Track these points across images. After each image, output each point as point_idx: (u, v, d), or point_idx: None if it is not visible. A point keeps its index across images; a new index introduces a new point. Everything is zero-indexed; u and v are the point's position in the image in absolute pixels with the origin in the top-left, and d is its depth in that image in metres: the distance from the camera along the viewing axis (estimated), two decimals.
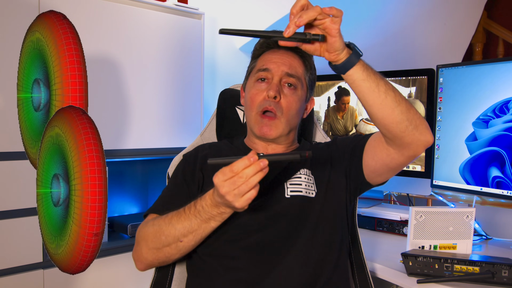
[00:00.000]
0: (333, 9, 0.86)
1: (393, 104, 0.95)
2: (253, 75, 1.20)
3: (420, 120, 0.99)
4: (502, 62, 1.49)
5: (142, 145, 1.95)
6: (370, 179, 1.14)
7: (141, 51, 1.93)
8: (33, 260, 1.64)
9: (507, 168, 1.45)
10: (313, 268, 1.07)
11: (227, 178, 0.89)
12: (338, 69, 0.93)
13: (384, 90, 0.94)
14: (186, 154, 1.26)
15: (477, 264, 1.17)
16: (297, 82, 1.17)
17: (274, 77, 1.16)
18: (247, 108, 1.20)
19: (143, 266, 1.10)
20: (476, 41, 3.30)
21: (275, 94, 1.13)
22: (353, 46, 0.92)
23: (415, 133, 0.98)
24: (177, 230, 1.01)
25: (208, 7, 2.25)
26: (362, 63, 0.93)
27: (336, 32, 0.87)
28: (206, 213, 0.98)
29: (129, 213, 2.25)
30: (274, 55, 1.18)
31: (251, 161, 0.88)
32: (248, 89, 1.21)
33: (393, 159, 1.06)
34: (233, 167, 0.89)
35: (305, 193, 1.12)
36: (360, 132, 1.92)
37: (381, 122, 0.98)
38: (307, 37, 0.88)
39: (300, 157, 0.91)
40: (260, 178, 0.89)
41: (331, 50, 0.90)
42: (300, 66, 1.19)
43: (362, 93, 0.95)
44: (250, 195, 0.89)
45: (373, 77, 0.94)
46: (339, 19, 0.86)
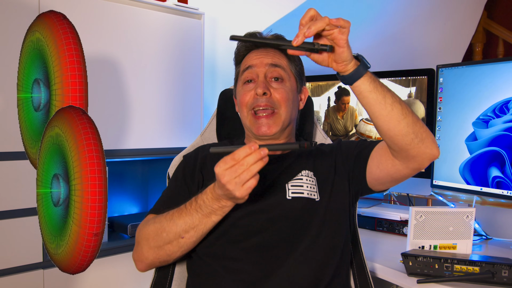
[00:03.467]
0: (340, 20, 0.86)
1: (400, 117, 0.95)
2: (239, 79, 1.22)
3: (426, 134, 0.98)
4: (502, 62, 1.49)
5: (142, 145, 1.95)
6: (372, 186, 1.14)
7: (141, 51, 1.93)
8: (33, 260, 1.64)
9: (507, 168, 1.45)
10: (315, 272, 1.06)
11: (228, 166, 0.90)
12: (346, 80, 0.94)
13: (391, 102, 0.95)
14: (186, 155, 1.26)
15: (477, 264, 1.17)
16: (283, 74, 1.18)
17: (259, 74, 1.17)
18: (240, 111, 1.21)
19: (144, 266, 1.10)
20: (476, 41, 3.30)
21: (263, 91, 1.14)
22: (361, 58, 0.93)
23: (420, 146, 0.98)
24: (178, 226, 1.02)
25: (208, 7, 2.25)
26: (369, 74, 0.93)
27: (344, 43, 0.87)
28: (207, 207, 0.99)
29: (129, 213, 2.25)
30: (255, 54, 1.20)
31: (252, 150, 0.90)
32: (237, 93, 1.23)
33: (398, 170, 1.05)
34: (234, 155, 0.90)
35: (306, 194, 1.12)
36: (360, 132, 1.92)
37: (387, 134, 0.98)
38: (316, 47, 0.88)
39: (300, 147, 0.94)
40: (261, 167, 0.90)
41: (339, 60, 0.90)
42: (283, 58, 1.20)
43: (369, 104, 0.95)
44: (250, 183, 0.91)
45: (380, 89, 0.94)
46: (347, 29, 0.87)
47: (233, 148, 0.92)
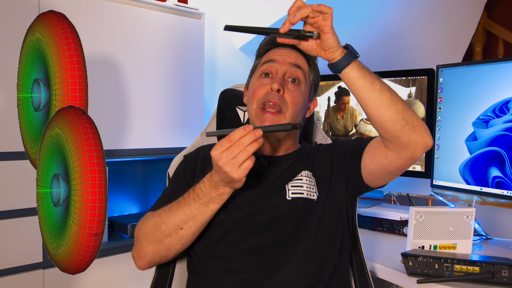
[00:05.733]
0: (321, 6, 0.91)
1: (389, 103, 0.98)
2: (257, 70, 1.21)
3: (417, 121, 1.00)
4: (502, 62, 1.49)
5: (142, 145, 1.95)
6: (368, 182, 1.14)
7: (141, 51, 1.93)
8: (33, 260, 1.64)
9: (507, 168, 1.45)
10: (314, 271, 1.06)
11: (224, 148, 0.92)
12: (334, 68, 0.98)
13: (379, 88, 0.97)
14: (187, 155, 1.26)
15: (477, 264, 1.17)
16: (301, 77, 1.17)
17: (279, 70, 1.16)
18: (249, 102, 1.19)
19: (143, 263, 1.09)
20: (476, 41, 3.30)
21: (278, 87, 1.13)
22: (350, 47, 0.97)
23: (412, 133, 0.99)
24: (177, 216, 1.02)
25: (208, 7, 2.25)
26: (357, 62, 0.97)
27: (328, 29, 0.92)
28: (205, 195, 1.00)
29: (129, 213, 2.25)
30: (279, 51, 1.20)
31: (247, 131, 0.92)
32: (251, 85, 1.21)
33: (391, 162, 1.05)
34: (230, 137, 0.93)
35: (306, 195, 1.12)
36: (360, 132, 1.92)
37: (377, 120, 0.99)
38: (302, 34, 0.94)
39: (292, 127, 0.99)
40: (256, 148, 0.92)
41: (326, 47, 0.95)
42: (305, 63, 1.20)
43: (358, 91, 0.98)
44: (247, 164, 0.92)
45: (368, 76, 0.97)
46: (329, 15, 0.92)
47: (228, 131, 0.94)
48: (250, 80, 1.24)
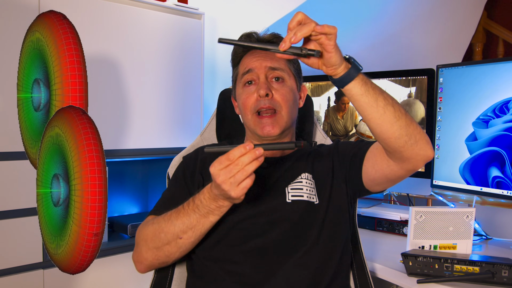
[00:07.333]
0: (324, 27, 0.85)
1: (392, 120, 0.94)
2: (239, 81, 1.20)
3: (420, 135, 0.98)
4: (502, 62, 1.49)
5: (142, 145, 1.95)
6: (368, 187, 1.14)
7: (141, 51, 1.93)
8: (33, 260, 1.64)
9: (507, 168, 1.45)
10: (314, 275, 1.06)
11: (223, 166, 0.90)
12: (337, 83, 0.93)
13: (383, 105, 0.94)
14: (186, 156, 1.26)
15: (477, 264, 1.17)
16: (283, 74, 1.17)
17: (260, 75, 1.16)
18: (243, 113, 1.19)
19: (143, 267, 1.10)
20: (476, 41, 3.30)
21: (266, 92, 1.13)
22: (352, 60, 0.92)
23: (414, 148, 0.97)
24: (176, 226, 1.02)
25: (208, 7, 2.25)
26: (361, 77, 0.92)
27: (331, 48, 0.86)
28: (205, 207, 0.99)
29: (129, 213, 2.25)
30: (253, 56, 1.18)
31: (247, 149, 0.89)
32: (238, 96, 1.21)
33: (392, 171, 1.05)
34: (229, 155, 0.90)
35: (306, 197, 1.12)
36: (360, 132, 1.92)
37: (380, 136, 0.98)
38: (303, 52, 0.88)
39: (295, 146, 0.94)
40: (256, 167, 0.90)
41: (328, 65, 0.90)
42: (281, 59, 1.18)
43: (361, 107, 0.95)
44: (245, 183, 0.90)
45: (371, 92, 0.93)
46: (333, 36, 0.86)
47: (228, 148, 0.91)
48: (235, 91, 1.24)
